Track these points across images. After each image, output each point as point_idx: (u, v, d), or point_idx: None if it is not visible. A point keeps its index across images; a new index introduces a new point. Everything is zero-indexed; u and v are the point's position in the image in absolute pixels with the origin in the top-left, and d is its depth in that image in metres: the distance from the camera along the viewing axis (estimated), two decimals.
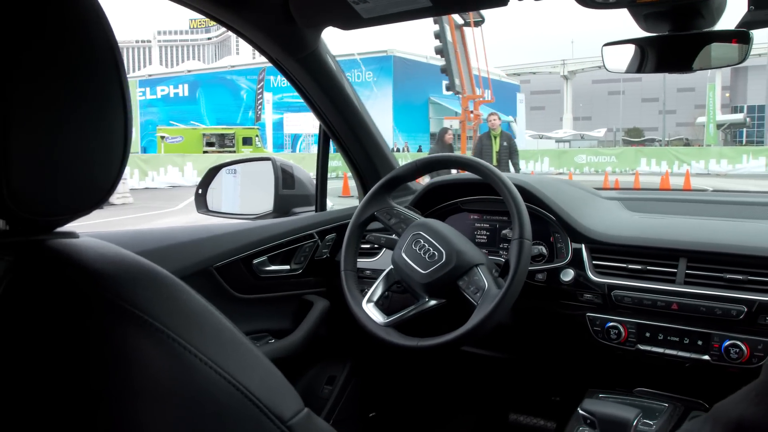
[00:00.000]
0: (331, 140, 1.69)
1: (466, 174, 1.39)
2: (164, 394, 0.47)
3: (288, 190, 1.69)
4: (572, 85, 43.27)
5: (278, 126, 23.94)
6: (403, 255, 1.29)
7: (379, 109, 24.01)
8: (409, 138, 25.51)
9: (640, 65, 1.23)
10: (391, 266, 1.33)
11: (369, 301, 1.31)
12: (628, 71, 1.25)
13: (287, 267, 1.57)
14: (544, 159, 18.65)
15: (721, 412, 0.58)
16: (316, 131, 1.68)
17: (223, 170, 1.72)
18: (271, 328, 1.53)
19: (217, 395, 0.49)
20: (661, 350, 1.25)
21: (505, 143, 7.68)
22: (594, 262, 1.36)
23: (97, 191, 0.53)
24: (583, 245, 1.38)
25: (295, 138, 21.94)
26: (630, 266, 1.31)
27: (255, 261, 1.48)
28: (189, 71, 32.64)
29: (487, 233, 1.60)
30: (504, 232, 1.56)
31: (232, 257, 1.42)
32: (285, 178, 1.68)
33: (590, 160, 18.69)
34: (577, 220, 1.42)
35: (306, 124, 20.62)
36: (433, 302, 1.26)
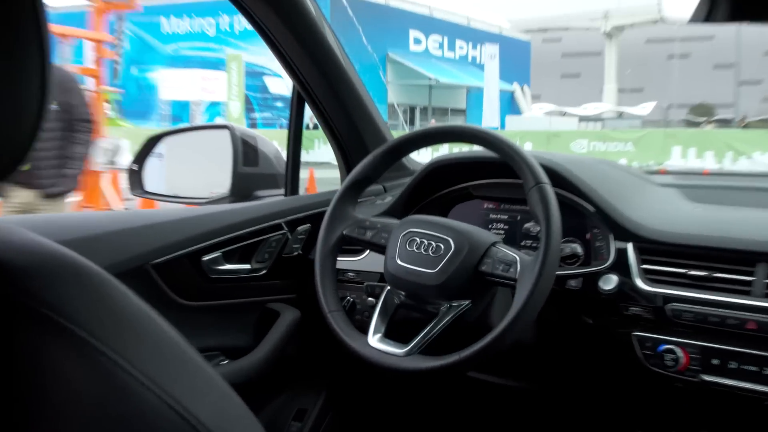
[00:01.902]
0: (306, 104, 1.72)
1: (479, 150, 1.42)
2: (91, 420, 0.48)
3: (250, 168, 1.72)
4: (617, 45, 41.53)
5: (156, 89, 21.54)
6: (400, 262, 1.33)
7: None
8: None
9: (708, 12, 1.25)
10: (387, 288, 1.37)
11: (376, 333, 1.34)
12: (692, 21, 1.27)
13: (247, 266, 1.60)
14: (526, 144, 15.42)
15: None
16: (207, 98, 1.71)
17: (167, 141, 1.75)
18: (225, 345, 1.56)
19: (158, 423, 0.49)
20: (732, 382, 1.26)
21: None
22: (644, 266, 1.38)
23: (2, 158, 0.51)
24: (629, 244, 1.40)
25: (181, 107, 19.62)
26: (691, 272, 1.33)
27: (205, 258, 1.51)
28: None
29: (505, 227, 1.63)
30: (527, 225, 1.59)
31: (175, 252, 1.44)
32: (246, 152, 1.71)
33: (594, 148, 16.25)
34: (623, 212, 1.43)
35: (191, 87, 17.86)
36: (454, 306, 1.29)
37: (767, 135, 16.62)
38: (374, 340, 1.32)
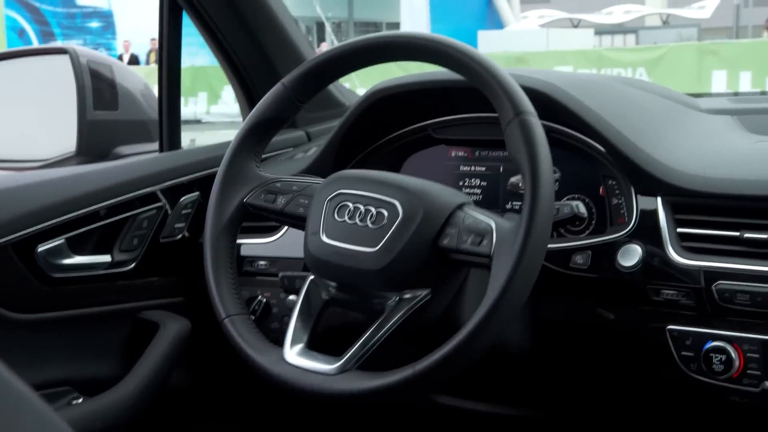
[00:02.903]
0: (183, 12, 1.66)
1: (441, 72, 1.35)
2: None
3: (105, 112, 1.66)
4: None
5: None
6: (327, 240, 1.23)
7: None
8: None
9: None
10: (310, 278, 1.29)
11: (295, 343, 1.22)
12: None
13: (106, 258, 1.54)
14: None
15: None
16: None
17: None
18: (78, 377, 1.50)
19: None
20: None
21: None
22: (680, 229, 1.29)
23: None
24: (659, 199, 1.31)
25: None
26: (747, 235, 1.24)
27: (41, 248, 1.44)
28: None
29: (483, 183, 1.55)
30: (514, 180, 1.49)
31: None
32: (98, 88, 1.64)
33: None
34: (648, 152, 1.34)
35: None
36: (407, 298, 1.19)
37: None
38: (293, 353, 1.20)
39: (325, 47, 19.07)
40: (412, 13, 18.40)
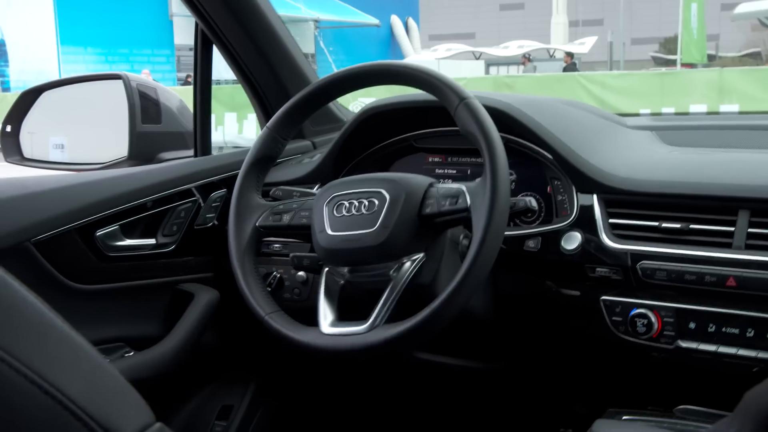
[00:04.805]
0: (213, 46, 1.71)
1: (419, 94, 1.41)
2: None
3: (150, 126, 1.71)
4: None
5: None
6: (332, 233, 1.31)
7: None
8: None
9: None
10: (326, 269, 1.35)
11: (326, 319, 1.30)
12: None
13: (151, 241, 1.60)
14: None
15: (753, 401, 0.61)
16: None
17: (47, 96, 1.73)
18: (129, 335, 1.56)
19: (16, 400, 0.49)
20: (713, 348, 1.27)
21: None
22: (612, 220, 1.39)
23: None
24: (594, 196, 1.41)
25: None
26: (665, 225, 1.33)
27: (99, 232, 1.51)
28: None
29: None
30: (479, 180, 1.59)
31: (62, 227, 1.43)
32: (146, 106, 1.70)
33: None
34: (586, 158, 1.43)
35: None
36: (406, 264, 1.26)
37: (655, 80, 12.31)
38: (327, 326, 1.28)
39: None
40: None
